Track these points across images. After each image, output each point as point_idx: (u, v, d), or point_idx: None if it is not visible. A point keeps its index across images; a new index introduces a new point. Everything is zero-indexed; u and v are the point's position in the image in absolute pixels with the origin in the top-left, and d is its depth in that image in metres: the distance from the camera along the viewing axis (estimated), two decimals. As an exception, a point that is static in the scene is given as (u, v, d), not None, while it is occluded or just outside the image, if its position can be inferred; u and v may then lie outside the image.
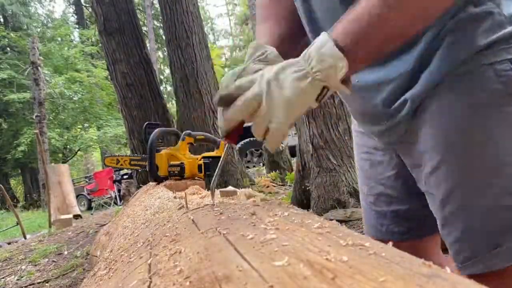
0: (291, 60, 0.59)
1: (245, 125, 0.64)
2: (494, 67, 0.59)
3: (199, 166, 2.01)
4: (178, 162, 2.01)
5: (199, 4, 6.14)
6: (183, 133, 2.15)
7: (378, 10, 0.54)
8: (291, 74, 0.57)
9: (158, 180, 2.05)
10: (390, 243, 0.34)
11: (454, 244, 0.65)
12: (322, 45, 0.56)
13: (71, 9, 23.48)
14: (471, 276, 0.61)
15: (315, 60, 0.55)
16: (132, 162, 2.76)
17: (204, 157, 2.05)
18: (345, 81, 0.58)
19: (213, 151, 2.15)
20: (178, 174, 1.99)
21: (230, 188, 1.05)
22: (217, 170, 0.70)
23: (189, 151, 2.16)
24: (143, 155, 2.79)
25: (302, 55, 0.58)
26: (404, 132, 0.71)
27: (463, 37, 0.61)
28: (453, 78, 0.62)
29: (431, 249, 0.88)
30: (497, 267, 0.60)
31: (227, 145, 0.69)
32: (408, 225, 0.86)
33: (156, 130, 2.09)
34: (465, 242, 0.63)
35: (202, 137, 2.21)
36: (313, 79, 0.56)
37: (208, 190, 1.42)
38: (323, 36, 0.57)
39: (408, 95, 0.67)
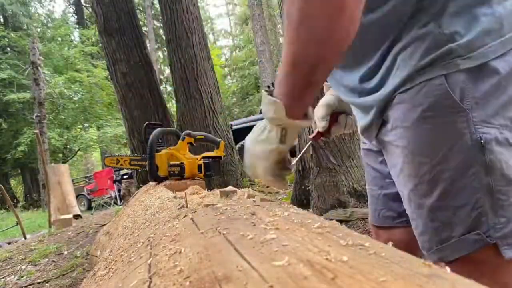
0: (259, 123, 0.75)
1: (247, 125, 0.70)
2: (431, 83, 0.66)
3: (199, 166, 2.00)
4: (178, 162, 2.00)
5: (199, 4, 6.14)
6: (183, 133, 2.15)
7: (287, 57, 0.62)
8: (257, 136, 0.73)
9: (158, 180, 2.05)
10: (390, 243, 0.34)
11: (419, 237, 0.74)
12: (263, 100, 0.69)
13: (71, 9, 23.48)
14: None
15: (264, 113, 0.70)
16: (132, 162, 2.75)
17: (204, 157, 2.05)
18: (306, 115, 0.70)
19: (212, 151, 2.14)
20: (178, 174, 1.99)
21: (230, 188, 1.05)
22: None
23: (189, 151, 2.16)
24: (143, 155, 2.78)
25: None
26: (376, 134, 0.80)
27: (409, 57, 0.69)
28: (402, 94, 0.70)
29: None
30: (449, 258, 0.69)
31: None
32: (398, 210, 0.92)
33: (156, 130, 2.09)
34: (425, 235, 0.72)
35: (202, 137, 2.21)
36: (270, 128, 0.70)
37: (208, 190, 1.42)
38: (263, 93, 0.70)
39: (374, 103, 0.76)
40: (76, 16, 22.71)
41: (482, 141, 0.64)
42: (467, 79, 0.65)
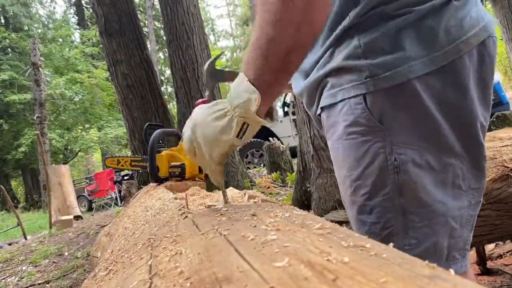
0: (219, 101, 0.66)
1: None
2: (352, 101, 0.67)
3: (200, 167, 2.00)
4: (178, 163, 2.00)
5: (199, 5, 6.14)
6: None
7: (262, 40, 0.58)
8: (212, 114, 0.63)
9: (159, 181, 2.05)
10: (391, 244, 0.34)
11: None
12: (239, 83, 0.61)
13: (72, 10, 23.52)
14: None
15: (233, 97, 0.61)
16: (132, 163, 2.76)
17: None
18: (270, 113, 0.68)
19: None
20: (179, 175, 1.98)
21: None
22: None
23: None
24: (144, 156, 2.78)
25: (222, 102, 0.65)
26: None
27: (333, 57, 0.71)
28: (329, 109, 0.72)
29: None
30: None
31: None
32: None
33: (156, 131, 2.09)
34: None
35: None
36: (232, 117, 0.61)
37: (208, 192, 1.42)
38: (240, 74, 0.61)
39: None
40: (76, 17, 22.75)
41: (395, 162, 0.64)
42: (385, 99, 0.64)
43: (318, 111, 0.76)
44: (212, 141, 0.63)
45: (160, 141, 2.12)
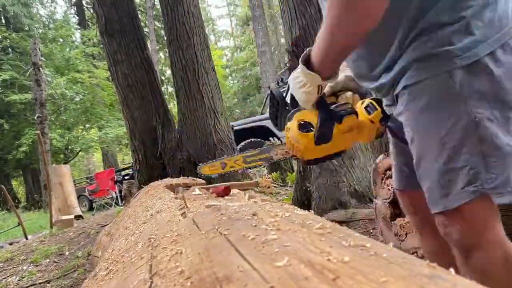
0: (295, 73, 1.01)
1: (248, 125, 0.67)
2: (437, 78, 0.88)
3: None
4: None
5: (200, 5, 6.14)
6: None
7: (325, 33, 0.90)
8: (298, 83, 1.00)
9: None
10: (391, 244, 0.34)
11: (426, 192, 0.95)
12: (302, 68, 0.97)
13: (73, 10, 23.51)
14: (438, 213, 0.93)
15: (303, 77, 0.98)
16: (248, 160, 1.79)
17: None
18: (334, 73, 1.00)
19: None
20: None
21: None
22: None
23: None
24: (258, 149, 1.87)
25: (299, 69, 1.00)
26: (393, 112, 1.01)
27: (417, 47, 0.92)
28: (412, 86, 0.92)
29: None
30: (451, 207, 0.89)
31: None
32: (407, 176, 1.12)
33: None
34: (433, 191, 0.93)
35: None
36: (310, 86, 0.98)
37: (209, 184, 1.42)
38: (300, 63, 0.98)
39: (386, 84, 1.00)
40: (77, 17, 22.74)
41: (476, 120, 0.85)
42: (464, 73, 0.85)
43: (397, 90, 0.96)
44: (305, 99, 1.00)
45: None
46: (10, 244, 5.64)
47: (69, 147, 18.57)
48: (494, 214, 0.91)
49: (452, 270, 0.26)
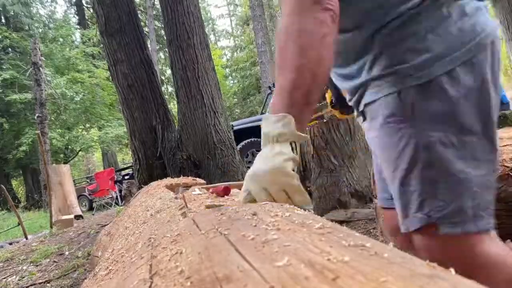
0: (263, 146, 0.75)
1: (248, 125, 0.69)
2: (389, 97, 0.85)
3: None
4: None
5: (200, 4, 6.14)
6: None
7: (280, 80, 0.75)
8: (266, 158, 0.72)
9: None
10: (391, 244, 0.34)
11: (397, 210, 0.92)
12: (267, 123, 0.74)
13: (73, 10, 23.51)
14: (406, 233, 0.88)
15: (268, 135, 0.73)
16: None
17: None
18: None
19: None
20: None
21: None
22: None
23: None
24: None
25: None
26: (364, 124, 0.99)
27: (373, 67, 0.90)
28: (371, 105, 0.90)
29: None
30: (409, 230, 0.86)
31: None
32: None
33: None
34: (398, 210, 0.90)
35: None
36: (280, 143, 0.71)
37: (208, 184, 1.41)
38: (264, 117, 0.76)
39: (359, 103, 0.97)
40: (77, 17, 22.75)
41: (427, 143, 0.81)
42: (416, 94, 0.81)
43: (361, 108, 0.95)
44: (281, 170, 0.70)
45: None
46: (10, 244, 5.64)
47: (69, 147, 18.58)
48: (468, 239, 0.81)
49: (452, 270, 0.26)
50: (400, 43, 0.84)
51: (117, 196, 10.95)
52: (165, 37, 6.26)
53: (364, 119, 0.97)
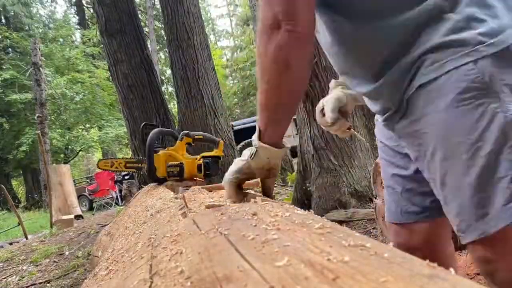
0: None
1: (248, 125, 0.72)
2: (461, 69, 0.71)
3: (199, 166, 1.99)
4: (177, 163, 1.99)
5: (200, 4, 6.14)
6: (181, 133, 2.13)
7: (259, 101, 0.83)
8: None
9: (157, 181, 2.04)
10: (391, 244, 0.34)
11: (455, 218, 0.77)
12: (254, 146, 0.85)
13: (73, 10, 23.52)
14: (475, 244, 0.74)
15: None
16: (127, 165, 2.72)
17: (203, 157, 2.04)
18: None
19: (212, 151, 2.13)
20: (177, 174, 1.98)
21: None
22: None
23: (188, 152, 2.14)
24: (139, 157, 2.75)
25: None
26: (399, 123, 0.84)
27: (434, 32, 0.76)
28: (429, 84, 0.75)
29: (443, 234, 0.97)
30: (491, 231, 0.71)
31: None
32: (422, 203, 0.95)
33: (153, 131, 2.08)
34: (463, 214, 0.75)
35: (201, 136, 2.19)
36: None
37: (210, 191, 1.42)
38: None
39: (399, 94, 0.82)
40: (77, 17, 22.75)
41: None
42: (493, 63, 0.70)
43: (409, 93, 0.79)
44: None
45: (156, 142, 2.11)
46: (10, 244, 5.64)
47: (69, 147, 18.57)
48: None
49: (452, 270, 0.26)
50: (462, 8, 0.73)
51: (117, 196, 10.95)
52: (165, 37, 6.26)
53: (405, 111, 0.82)
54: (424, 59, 0.75)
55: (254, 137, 0.85)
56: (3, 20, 19.20)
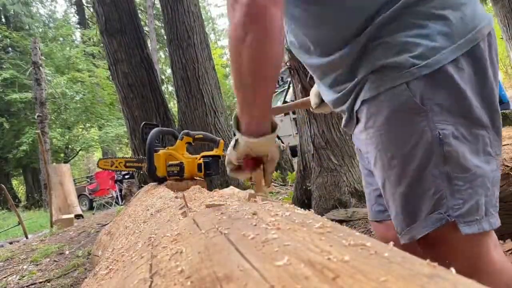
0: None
1: None
2: (395, 89, 0.78)
3: (199, 166, 1.99)
4: (177, 162, 1.99)
5: (200, 4, 6.14)
6: (181, 132, 2.13)
7: (235, 86, 0.81)
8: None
9: (157, 180, 2.04)
10: (391, 243, 0.34)
11: (393, 221, 0.86)
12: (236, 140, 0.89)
13: (73, 9, 23.53)
14: (404, 245, 0.80)
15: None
16: (127, 164, 2.70)
17: (203, 156, 2.04)
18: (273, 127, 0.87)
19: (212, 150, 2.13)
20: (177, 174, 1.97)
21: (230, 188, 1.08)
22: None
23: (187, 151, 2.14)
24: (139, 157, 2.74)
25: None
26: (354, 129, 0.91)
27: (374, 57, 0.82)
28: (370, 100, 0.82)
29: None
30: (416, 237, 0.80)
31: None
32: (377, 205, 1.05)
33: (153, 130, 2.08)
34: (398, 218, 0.83)
35: (201, 136, 2.19)
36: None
37: (210, 191, 1.42)
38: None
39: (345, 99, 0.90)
40: (77, 16, 22.76)
41: (440, 136, 0.76)
42: (425, 84, 0.76)
43: (357, 107, 0.86)
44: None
45: (156, 141, 2.11)
46: (10, 243, 5.64)
47: (69, 146, 18.60)
48: (482, 238, 0.78)
49: (452, 269, 0.26)
50: (398, 33, 0.78)
51: (117, 195, 10.96)
52: (165, 37, 6.25)
53: (357, 121, 0.89)
54: (367, 79, 0.82)
55: (234, 128, 0.86)
56: (3, 20, 19.20)
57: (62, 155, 19.12)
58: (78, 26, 21.97)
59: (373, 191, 1.07)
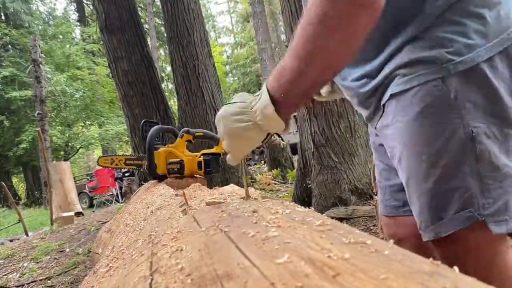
0: (241, 105, 0.77)
1: None
2: (429, 84, 0.76)
3: (199, 163, 1.99)
4: (177, 160, 1.99)
5: (200, 1, 6.12)
6: (181, 130, 2.13)
7: (295, 64, 0.68)
8: (241, 123, 0.75)
9: (158, 178, 2.04)
10: (391, 241, 0.34)
11: (417, 217, 0.85)
12: (265, 105, 0.72)
13: (73, 7, 23.48)
14: (434, 243, 0.81)
15: (260, 117, 0.73)
16: (127, 162, 2.70)
17: (204, 154, 2.03)
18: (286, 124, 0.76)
19: (212, 148, 2.12)
20: (178, 171, 1.97)
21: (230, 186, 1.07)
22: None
23: (188, 149, 2.14)
24: (139, 154, 2.74)
25: (249, 104, 0.76)
26: (378, 123, 0.90)
27: (407, 53, 0.80)
28: (400, 94, 0.81)
29: None
30: (443, 234, 0.79)
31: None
32: (403, 198, 1.00)
33: (153, 128, 2.07)
34: (423, 215, 0.82)
35: (201, 134, 2.18)
36: (260, 129, 0.75)
37: (210, 188, 1.42)
38: (265, 95, 0.72)
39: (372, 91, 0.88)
40: (77, 14, 22.73)
41: (473, 134, 0.75)
42: (459, 81, 0.75)
43: (384, 100, 0.85)
44: (243, 146, 0.80)
45: (156, 139, 2.10)
46: (11, 241, 5.65)
47: (69, 144, 18.59)
48: (501, 240, 0.78)
49: (456, 268, 0.26)
50: (434, 28, 0.78)
51: (117, 193, 10.97)
52: (165, 34, 6.24)
53: (381, 116, 0.88)
54: (397, 73, 0.81)
55: (274, 127, 0.74)
56: (3, 17, 19.17)
57: (62, 153, 19.12)
58: (78, 23, 21.94)
59: (389, 186, 1.07)
